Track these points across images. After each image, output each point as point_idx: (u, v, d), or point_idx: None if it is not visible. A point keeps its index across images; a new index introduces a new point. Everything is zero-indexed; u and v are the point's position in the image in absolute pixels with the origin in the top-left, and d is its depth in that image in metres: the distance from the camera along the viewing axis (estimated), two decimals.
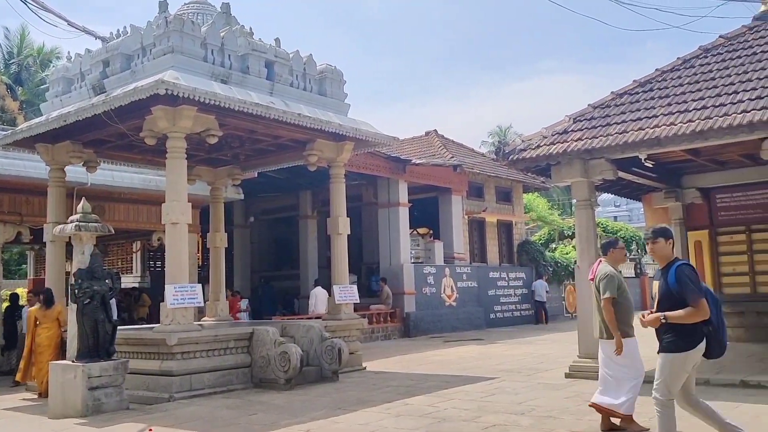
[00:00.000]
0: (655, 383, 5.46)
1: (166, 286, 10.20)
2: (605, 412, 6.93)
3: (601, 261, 7.32)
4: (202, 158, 13.75)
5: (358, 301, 13.67)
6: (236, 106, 10.31)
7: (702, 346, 5.29)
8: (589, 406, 7.17)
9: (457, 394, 9.32)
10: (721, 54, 11.17)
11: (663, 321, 5.31)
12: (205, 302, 12.53)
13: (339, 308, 12.68)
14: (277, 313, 19.93)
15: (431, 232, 23.48)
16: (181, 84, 9.61)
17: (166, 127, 10.33)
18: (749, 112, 8.94)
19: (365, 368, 12.51)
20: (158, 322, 10.68)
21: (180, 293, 10.13)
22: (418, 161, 21.10)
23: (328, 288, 13.34)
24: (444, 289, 21.40)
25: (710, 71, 10.72)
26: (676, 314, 5.25)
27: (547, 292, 24.77)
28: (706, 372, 9.97)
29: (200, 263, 20.69)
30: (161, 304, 10.27)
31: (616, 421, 6.95)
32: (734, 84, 9.93)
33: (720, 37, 11.80)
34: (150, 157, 13.22)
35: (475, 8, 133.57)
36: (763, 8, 11.99)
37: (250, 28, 11.87)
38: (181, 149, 10.51)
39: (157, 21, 10.66)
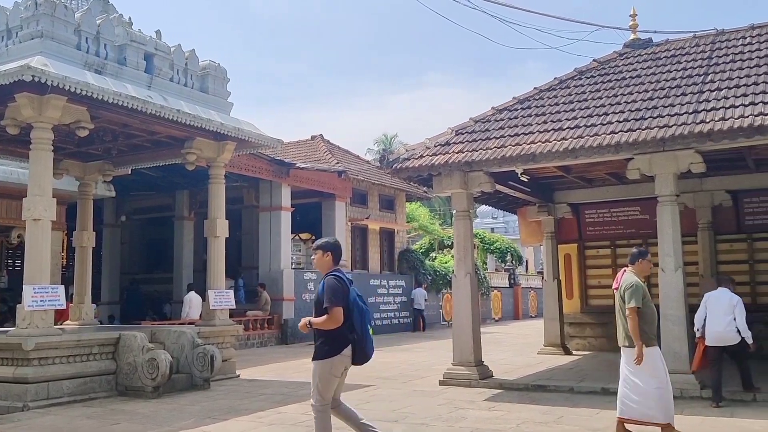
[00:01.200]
0: (311, 390, 5.74)
1: (24, 286, 9.44)
2: (641, 424, 6.72)
3: (626, 270, 7.16)
4: (71, 151, 12.88)
5: (234, 307, 13.26)
6: (110, 99, 9.72)
7: (348, 351, 5.60)
8: (622, 422, 6.82)
9: None
10: (594, 77, 11.82)
11: (309, 326, 5.61)
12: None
13: (213, 314, 12.23)
14: (147, 318, 18.99)
15: (313, 237, 23.30)
16: (50, 71, 8.95)
17: (31, 116, 9.58)
18: (617, 133, 9.48)
19: (239, 376, 12.15)
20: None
21: (40, 295, 9.40)
22: (302, 165, 20.88)
23: (204, 293, 12.86)
24: None
25: (584, 92, 11.31)
26: (317, 320, 5.60)
27: (425, 300, 25.23)
28: (570, 380, 10.48)
29: (65, 263, 19.38)
30: (18, 306, 9.51)
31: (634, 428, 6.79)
32: (605, 106, 10.52)
33: (594, 60, 12.50)
34: (12, 147, 12.23)
35: (361, 16, 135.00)
36: (632, 36, 12.82)
37: (130, 18, 11.28)
38: (47, 140, 9.78)
39: (26, 2, 9.90)
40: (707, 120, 8.98)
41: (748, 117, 8.68)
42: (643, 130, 9.33)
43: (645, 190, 10.94)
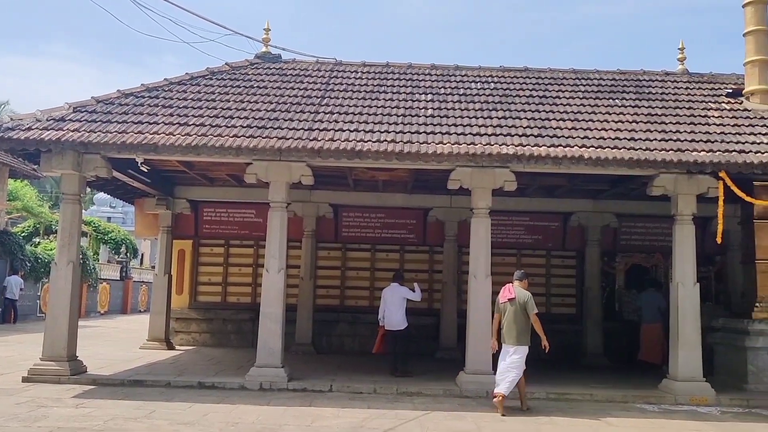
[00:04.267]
0: None
1: None
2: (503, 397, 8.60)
3: (514, 285, 9.05)
4: None
5: None
6: None
7: None
8: (501, 397, 8.56)
9: None
10: (225, 80, 12.12)
11: None
12: None
13: None
14: None
15: None
16: None
17: None
18: (240, 137, 9.87)
19: None
20: None
21: None
22: None
23: None
24: None
25: (213, 93, 11.51)
26: None
27: (21, 289, 22.60)
28: (169, 375, 10.48)
29: None
30: None
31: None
32: (231, 110, 10.87)
33: (227, 64, 12.81)
34: None
35: None
36: (264, 49, 13.49)
37: None
38: None
39: None
40: (319, 138, 9.93)
41: (351, 141, 9.85)
42: (263, 138, 9.88)
43: (261, 194, 11.57)
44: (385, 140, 9.93)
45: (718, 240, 10.20)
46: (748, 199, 10.18)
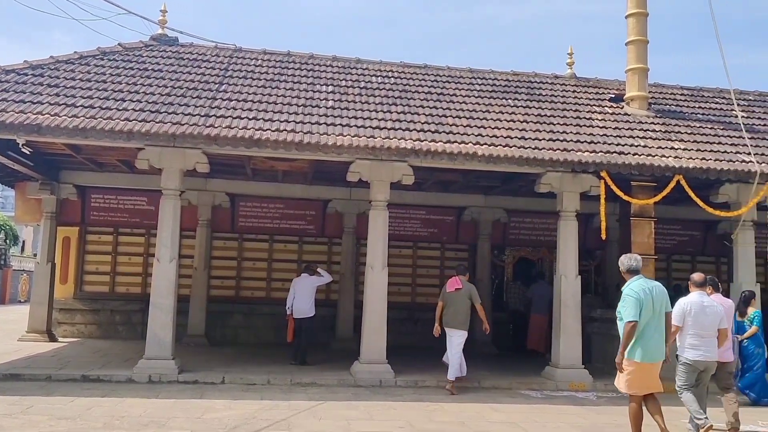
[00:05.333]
0: None
1: None
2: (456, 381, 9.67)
3: (459, 277, 10.04)
4: None
5: None
6: None
7: None
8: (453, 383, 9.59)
9: None
10: (117, 61, 11.63)
11: None
12: None
13: None
14: None
15: None
16: None
17: None
18: (131, 121, 9.51)
19: None
20: None
21: None
22: None
23: None
24: None
25: (104, 74, 11.02)
26: None
27: None
28: (50, 368, 9.98)
29: None
30: None
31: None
32: (123, 92, 10.45)
33: (119, 44, 12.29)
34: None
35: None
36: (160, 31, 13.04)
37: None
38: None
39: None
40: (216, 125, 9.73)
41: (250, 129, 9.72)
42: (157, 122, 9.57)
43: (153, 181, 11.20)
44: (285, 130, 9.88)
45: (603, 236, 10.81)
46: (626, 197, 10.86)
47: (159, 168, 9.97)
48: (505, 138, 10.62)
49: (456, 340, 9.80)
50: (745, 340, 9.43)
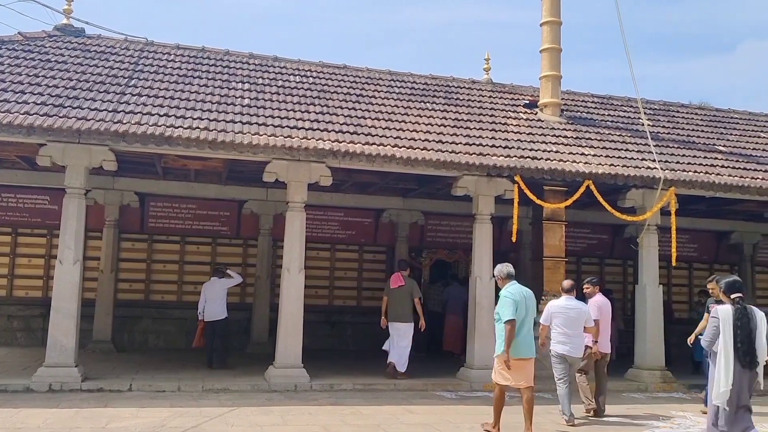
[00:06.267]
0: None
1: None
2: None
3: (402, 273, 11.18)
4: None
5: None
6: None
7: None
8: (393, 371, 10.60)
9: None
10: (17, 51, 10.99)
11: None
12: None
13: None
14: None
15: None
16: None
17: None
18: (32, 115, 8.97)
19: None
20: None
21: None
22: None
23: None
24: None
25: (2, 63, 10.38)
26: None
27: None
28: None
29: None
30: None
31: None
32: (24, 84, 9.86)
33: (19, 33, 11.60)
34: None
35: None
36: (65, 21, 12.40)
37: None
38: None
39: None
40: (124, 121, 9.30)
41: (160, 126, 9.35)
42: (60, 117, 9.07)
43: (56, 179, 10.61)
44: (198, 127, 9.57)
45: (513, 239, 11.05)
46: (538, 201, 11.13)
47: (62, 165, 9.44)
48: (423, 141, 10.67)
49: (403, 332, 10.85)
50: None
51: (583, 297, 9.03)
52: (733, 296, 5.94)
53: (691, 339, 9.12)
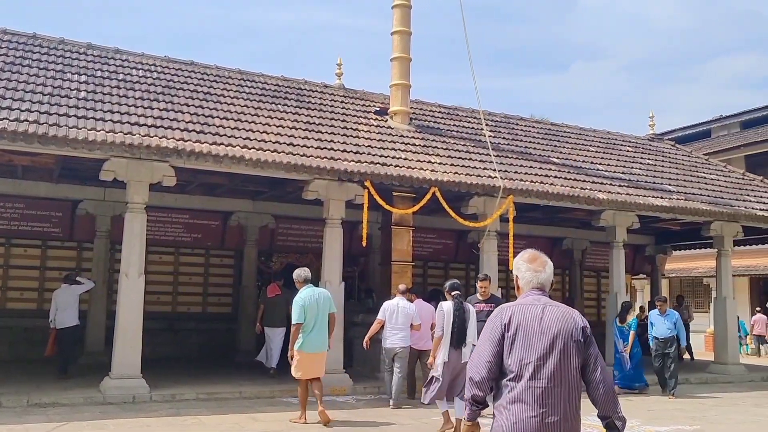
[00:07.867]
0: None
1: None
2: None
3: (278, 284, 12.05)
4: None
5: None
6: None
7: None
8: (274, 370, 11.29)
9: None
10: None
11: None
12: None
13: None
14: None
15: None
16: None
17: None
18: None
19: None
20: None
21: None
22: None
23: None
24: None
25: None
26: None
27: None
28: None
29: None
30: None
31: None
32: None
33: None
34: None
35: None
36: None
37: None
38: None
39: None
40: None
41: (3, 120, 8.49)
42: None
43: None
44: (26, 120, 8.80)
45: (363, 243, 11.17)
46: (387, 207, 11.34)
47: None
48: (273, 143, 10.52)
49: (277, 336, 11.71)
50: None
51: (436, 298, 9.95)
52: (453, 294, 7.74)
53: None
